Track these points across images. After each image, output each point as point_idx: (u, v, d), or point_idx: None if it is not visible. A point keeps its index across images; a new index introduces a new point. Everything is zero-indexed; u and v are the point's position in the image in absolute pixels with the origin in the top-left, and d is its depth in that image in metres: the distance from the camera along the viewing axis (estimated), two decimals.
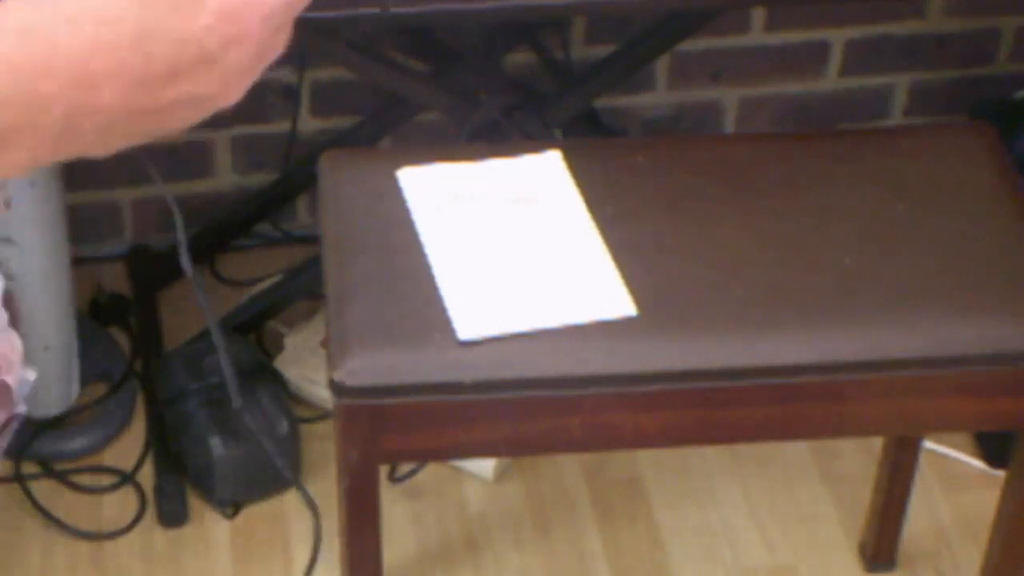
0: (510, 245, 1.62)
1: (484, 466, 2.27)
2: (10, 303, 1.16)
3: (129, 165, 1.85)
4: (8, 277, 2.01)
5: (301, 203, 2.59)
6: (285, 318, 2.42)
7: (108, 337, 2.42)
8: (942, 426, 2.00)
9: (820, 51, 2.59)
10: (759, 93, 2.61)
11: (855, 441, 2.31)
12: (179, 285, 2.47)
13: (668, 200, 1.70)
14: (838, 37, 2.58)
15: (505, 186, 1.69)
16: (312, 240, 2.43)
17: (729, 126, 2.64)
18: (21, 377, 1.14)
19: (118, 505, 2.23)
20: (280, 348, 2.37)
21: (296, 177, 2.51)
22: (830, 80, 2.62)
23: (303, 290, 2.39)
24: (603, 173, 1.70)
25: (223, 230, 2.54)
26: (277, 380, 2.30)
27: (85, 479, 2.25)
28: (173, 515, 2.20)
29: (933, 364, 1.59)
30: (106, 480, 2.25)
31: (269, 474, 2.22)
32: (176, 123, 0.85)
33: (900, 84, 2.65)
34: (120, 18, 0.79)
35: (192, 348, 2.31)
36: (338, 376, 1.54)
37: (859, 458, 2.29)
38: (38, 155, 0.82)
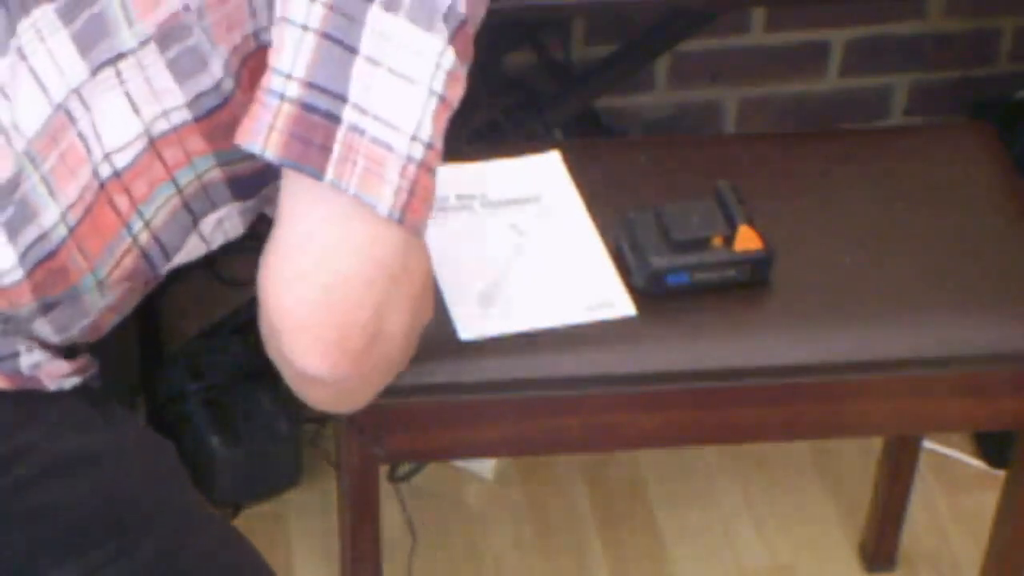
0: (510, 245, 1.62)
1: (484, 466, 2.27)
2: None
3: None
4: None
5: None
6: None
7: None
8: (942, 426, 2.00)
9: (820, 51, 2.59)
10: (759, 93, 2.61)
11: (855, 441, 2.30)
12: (179, 285, 2.46)
13: (667, 200, 1.70)
14: (838, 37, 2.58)
15: (505, 186, 1.69)
16: None
17: (729, 126, 2.64)
18: None
19: None
20: None
21: None
22: (830, 80, 2.62)
23: None
24: (603, 173, 1.70)
25: None
26: (277, 380, 2.29)
27: None
28: None
29: (933, 364, 1.58)
30: None
31: (269, 474, 2.22)
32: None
33: (900, 84, 2.65)
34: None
35: (192, 348, 2.31)
36: None
37: (859, 458, 2.29)
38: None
